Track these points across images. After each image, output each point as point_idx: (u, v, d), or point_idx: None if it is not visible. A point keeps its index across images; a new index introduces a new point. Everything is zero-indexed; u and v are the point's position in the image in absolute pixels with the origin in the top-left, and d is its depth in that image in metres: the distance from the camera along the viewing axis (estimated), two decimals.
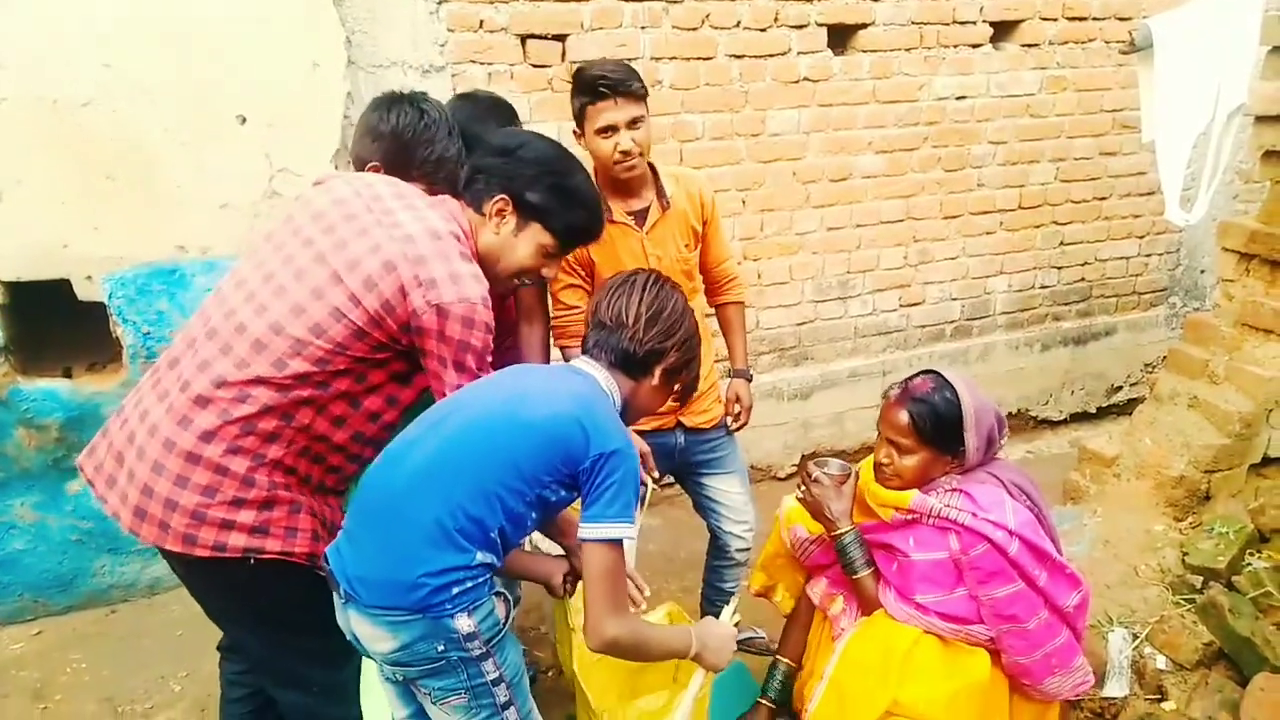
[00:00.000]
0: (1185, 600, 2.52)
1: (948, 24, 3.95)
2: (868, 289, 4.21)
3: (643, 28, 3.47)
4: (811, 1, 3.69)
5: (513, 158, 1.83)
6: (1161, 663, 2.38)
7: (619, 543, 1.64)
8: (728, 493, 2.66)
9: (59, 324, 3.09)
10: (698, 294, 2.60)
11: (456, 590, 1.55)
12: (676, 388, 1.87)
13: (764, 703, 2.43)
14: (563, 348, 2.50)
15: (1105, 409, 4.92)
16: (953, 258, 4.34)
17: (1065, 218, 4.52)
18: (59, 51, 2.73)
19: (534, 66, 3.36)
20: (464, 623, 1.56)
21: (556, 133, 3.06)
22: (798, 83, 3.77)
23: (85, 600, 3.21)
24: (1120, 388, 4.92)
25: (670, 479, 2.81)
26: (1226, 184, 4.50)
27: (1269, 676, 2.16)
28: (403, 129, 2.02)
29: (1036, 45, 4.16)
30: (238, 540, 1.68)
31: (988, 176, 4.27)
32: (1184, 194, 2.77)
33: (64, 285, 2.92)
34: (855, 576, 2.21)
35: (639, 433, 2.39)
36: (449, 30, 3.22)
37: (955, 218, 4.27)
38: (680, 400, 1.98)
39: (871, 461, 2.25)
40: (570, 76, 2.33)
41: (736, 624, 2.00)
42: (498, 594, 1.64)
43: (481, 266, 1.81)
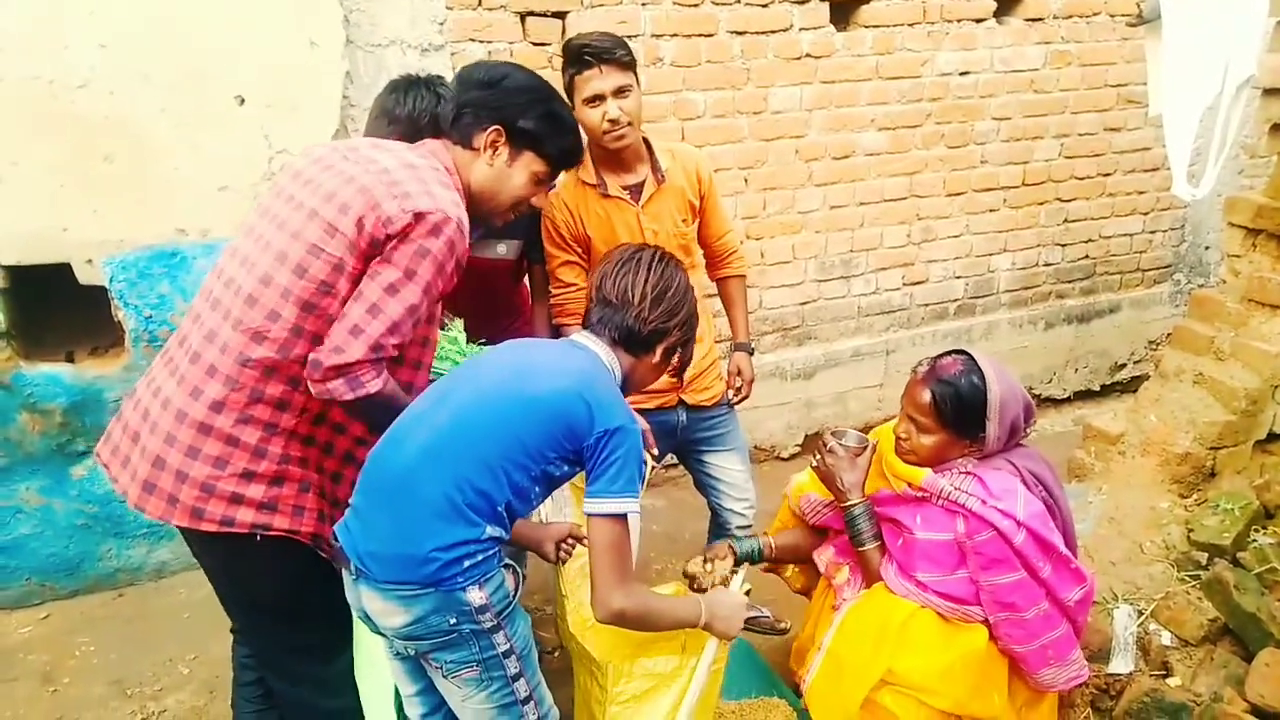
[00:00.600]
0: (1190, 577, 2.52)
1: None
2: (871, 268, 4.19)
3: (643, 4, 3.44)
4: None
5: (499, 89, 1.82)
6: (1166, 639, 2.38)
7: (624, 517, 1.66)
8: (728, 469, 2.67)
9: (61, 308, 3.09)
10: (696, 269, 2.60)
11: (467, 564, 1.57)
12: (674, 362, 1.89)
13: (732, 545, 2.38)
14: (561, 325, 2.50)
15: (1109, 387, 4.92)
16: (956, 235, 4.32)
17: (1069, 194, 4.49)
18: (54, 32, 2.70)
19: (534, 44, 3.33)
20: (475, 595, 1.58)
21: None
22: (800, 59, 3.74)
23: (92, 584, 3.22)
24: (1124, 365, 4.91)
25: (672, 458, 2.81)
26: (1232, 159, 4.47)
27: (1274, 652, 2.16)
28: (419, 114, 2.05)
29: (1040, 20, 4.12)
30: (245, 515, 1.68)
31: (991, 153, 4.24)
32: (1190, 169, 2.74)
33: (65, 269, 2.91)
34: (861, 549, 2.22)
35: (641, 411, 2.38)
36: (448, 8, 3.18)
37: (959, 195, 4.25)
38: (676, 374, 1.98)
39: (893, 428, 2.24)
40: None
41: (747, 593, 2.01)
42: (506, 566, 1.66)
43: (477, 203, 1.83)
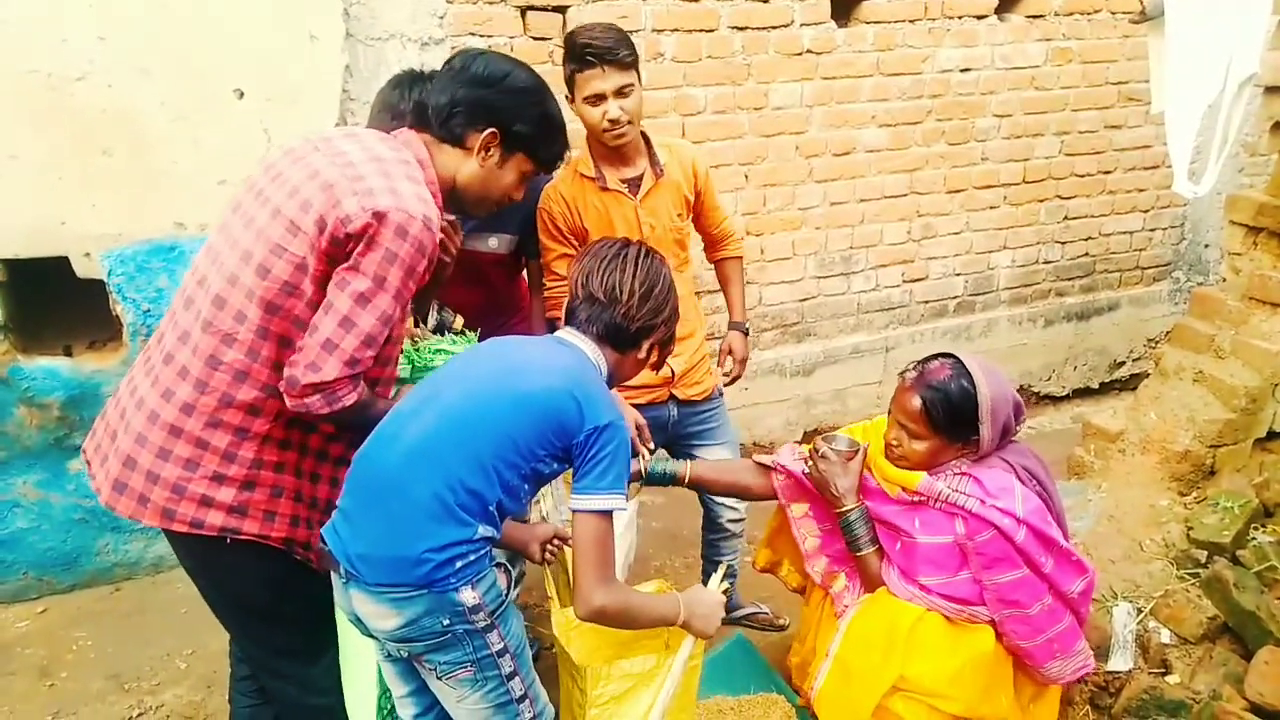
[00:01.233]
0: (1190, 575, 2.53)
1: None
2: (871, 264, 4.19)
3: None
4: None
5: (498, 89, 1.75)
6: (1166, 637, 2.39)
7: (608, 514, 1.65)
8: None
9: (59, 302, 3.07)
10: (689, 265, 2.59)
11: (460, 564, 1.56)
12: (655, 356, 1.88)
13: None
14: (555, 318, 2.48)
15: (1108, 384, 4.92)
16: (956, 233, 4.31)
17: (1069, 192, 4.49)
18: (53, 24, 2.69)
19: (534, 39, 3.31)
20: (468, 595, 1.57)
21: None
22: (801, 55, 3.73)
23: (89, 578, 3.21)
24: (1123, 363, 4.91)
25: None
26: (1232, 157, 4.46)
27: (1273, 650, 2.17)
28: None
29: (1041, 16, 4.11)
30: (215, 519, 1.67)
31: (992, 150, 4.23)
32: (1191, 166, 2.74)
33: (63, 262, 2.90)
34: (859, 554, 2.21)
35: (635, 406, 2.38)
36: (448, 2, 3.17)
37: (959, 192, 4.24)
38: (655, 367, 1.98)
39: (882, 434, 2.23)
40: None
41: (725, 590, 1.99)
42: (498, 565, 1.66)
43: (461, 197, 1.81)
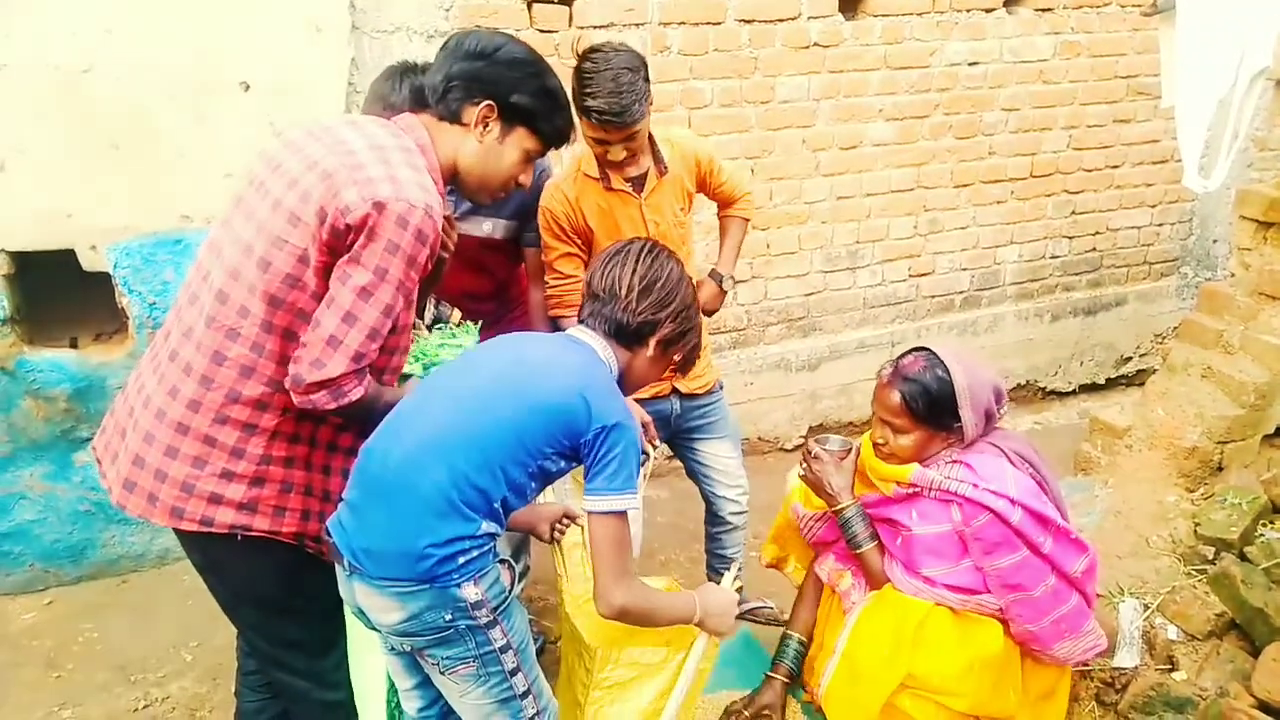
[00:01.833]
0: (1197, 571, 2.52)
1: None
2: (877, 259, 4.17)
3: None
4: None
5: (491, 60, 1.70)
6: (1173, 633, 2.38)
7: (623, 514, 1.65)
8: (720, 457, 2.67)
9: (65, 294, 3.08)
10: (691, 257, 2.59)
11: (463, 560, 1.56)
12: (676, 358, 1.86)
13: (777, 676, 2.37)
14: (558, 317, 2.47)
15: (1115, 380, 4.90)
16: (963, 227, 4.29)
17: (1077, 186, 4.47)
18: (59, 16, 2.69)
19: (540, 31, 3.30)
20: (471, 591, 1.57)
21: None
22: (808, 48, 3.71)
23: (96, 570, 3.22)
24: (1130, 358, 4.89)
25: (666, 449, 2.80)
26: (1242, 151, 4.44)
27: None
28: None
29: (1050, 10, 4.08)
30: (225, 516, 1.66)
31: (999, 144, 4.21)
32: (1200, 161, 2.72)
33: (69, 255, 2.90)
34: (859, 551, 2.21)
35: (637, 401, 2.38)
36: None
37: (966, 186, 4.22)
38: (681, 370, 1.97)
39: (868, 436, 2.23)
40: (575, 52, 2.22)
41: (738, 589, 2.01)
42: (501, 561, 1.65)
43: (464, 180, 1.76)
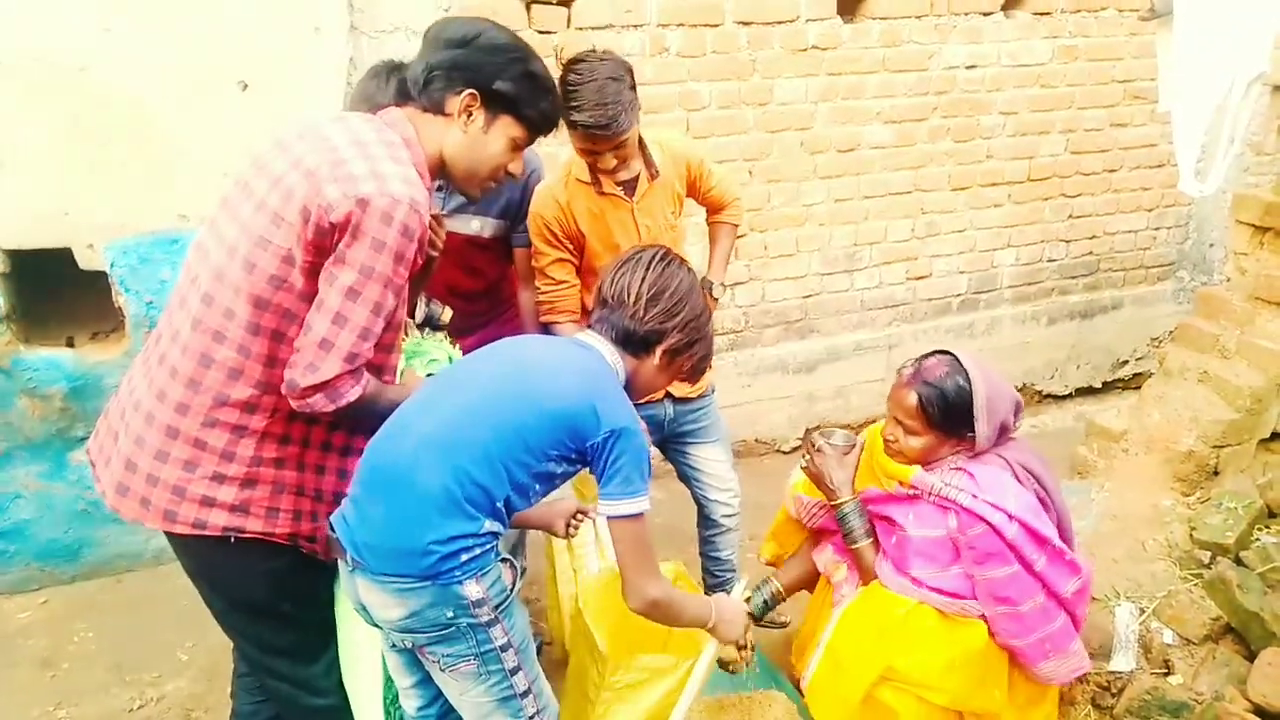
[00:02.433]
0: (1193, 575, 2.52)
1: None
2: (874, 261, 4.18)
3: None
4: None
5: (472, 47, 1.67)
6: (1168, 637, 2.38)
7: (641, 515, 1.66)
8: (711, 461, 2.67)
9: (62, 293, 3.07)
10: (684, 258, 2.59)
11: (465, 557, 1.56)
12: (684, 367, 1.85)
13: (740, 581, 2.31)
14: (550, 324, 2.47)
15: (1111, 383, 4.91)
16: (960, 230, 4.30)
17: (1074, 190, 4.48)
18: (56, 14, 2.68)
19: (539, 33, 3.30)
20: (473, 589, 1.57)
21: None
22: (806, 51, 3.71)
23: (92, 570, 3.21)
24: (1126, 362, 4.90)
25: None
26: (1238, 156, 4.45)
27: (1277, 651, 2.17)
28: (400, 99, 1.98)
29: (1048, 14, 4.09)
30: (218, 518, 1.65)
31: (997, 148, 4.22)
32: (1196, 165, 2.73)
33: (66, 254, 2.89)
34: (855, 546, 2.22)
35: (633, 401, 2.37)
36: None
37: (964, 190, 4.23)
38: (690, 379, 1.96)
39: (880, 430, 2.23)
40: (560, 62, 2.19)
41: (748, 599, 2.04)
42: (503, 560, 1.65)
43: (451, 172, 1.73)
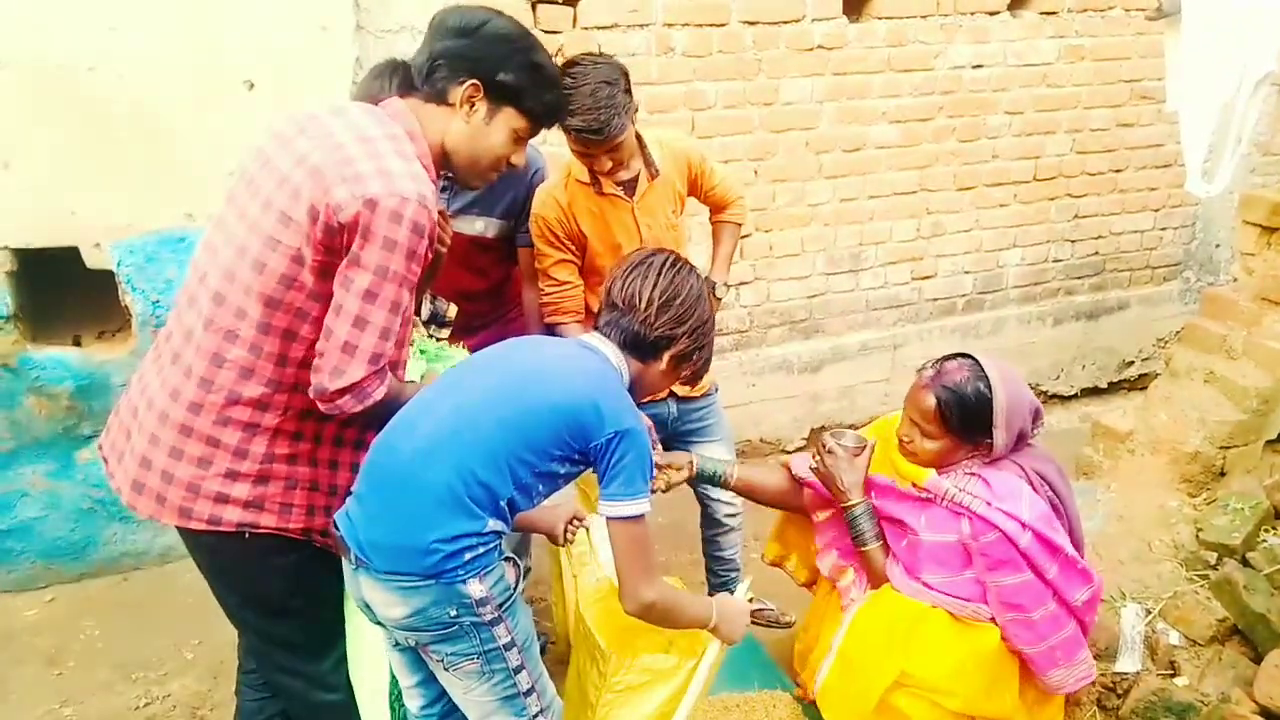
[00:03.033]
0: (1199, 576, 2.52)
1: None
2: (880, 261, 4.17)
3: None
4: None
5: (476, 37, 1.65)
6: (1175, 638, 2.38)
7: (641, 517, 1.66)
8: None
9: (69, 292, 3.08)
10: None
11: (469, 556, 1.56)
12: (687, 372, 1.86)
13: (693, 462, 2.32)
14: (554, 324, 2.47)
15: (1117, 384, 4.90)
16: (966, 230, 4.29)
17: (1080, 190, 4.46)
18: (63, 15, 2.69)
19: (545, 32, 3.30)
20: (476, 588, 1.57)
21: None
22: (812, 51, 3.71)
23: (98, 568, 3.22)
24: (1132, 363, 4.89)
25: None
26: (1245, 156, 4.44)
27: None
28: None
29: (1055, 13, 4.08)
30: (232, 514, 1.67)
31: (1003, 148, 4.21)
32: (1204, 165, 2.72)
33: (73, 253, 2.90)
34: (864, 549, 2.21)
35: (636, 402, 2.37)
36: None
37: (969, 189, 4.22)
38: (690, 382, 1.97)
39: (895, 428, 2.21)
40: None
41: (750, 599, 2.03)
42: (507, 559, 1.66)
43: (452, 162, 1.72)
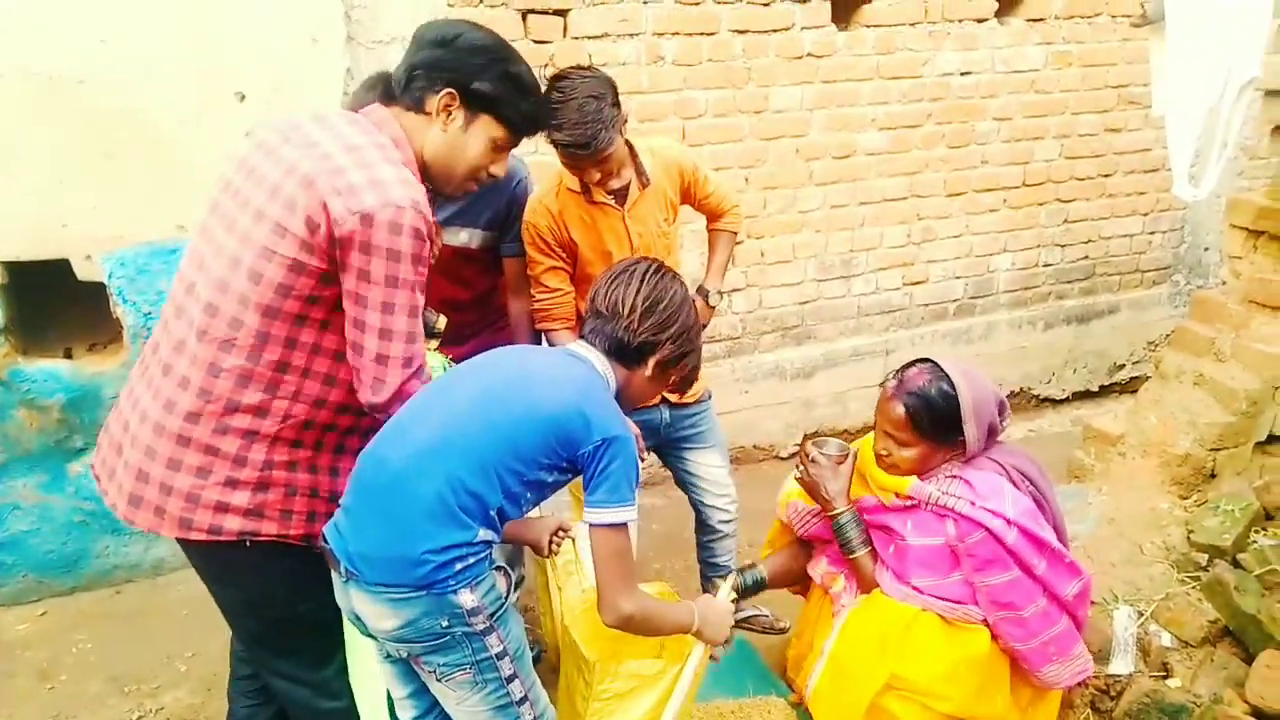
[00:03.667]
0: (1190, 578, 2.53)
1: None
2: (871, 267, 4.19)
3: (645, 2, 3.43)
4: None
5: (452, 48, 1.69)
6: (1167, 640, 2.38)
7: (624, 525, 1.67)
8: (708, 466, 2.68)
9: (60, 304, 3.08)
10: (677, 267, 2.59)
11: (459, 566, 1.56)
12: (674, 378, 1.87)
13: (735, 584, 2.28)
14: (545, 331, 2.48)
15: (1107, 387, 4.92)
16: (956, 236, 4.31)
17: (1069, 195, 4.49)
18: (55, 26, 2.70)
19: (535, 42, 3.32)
20: (467, 598, 1.57)
21: None
22: (801, 58, 3.73)
23: (90, 581, 3.21)
24: (1123, 366, 4.91)
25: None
26: (1231, 160, 4.47)
27: (1274, 654, 2.16)
28: None
29: (1042, 20, 4.11)
30: (233, 523, 1.66)
31: (992, 154, 4.24)
32: (1190, 170, 2.74)
33: (64, 265, 2.90)
34: (852, 556, 2.22)
35: (626, 411, 2.38)
36: (449, 4, 3.18)
37: (959, 195, 4.24)
38: (679, 390, 1.97)
39: (871, 445, 2.23)
40: (544, 79, 2.18)
41: (734, 600, 2.03)
42: (498, 568, 1.66)
43: (430, 171, 1.74)
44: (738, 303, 3.96)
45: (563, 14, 3.35)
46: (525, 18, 3.31)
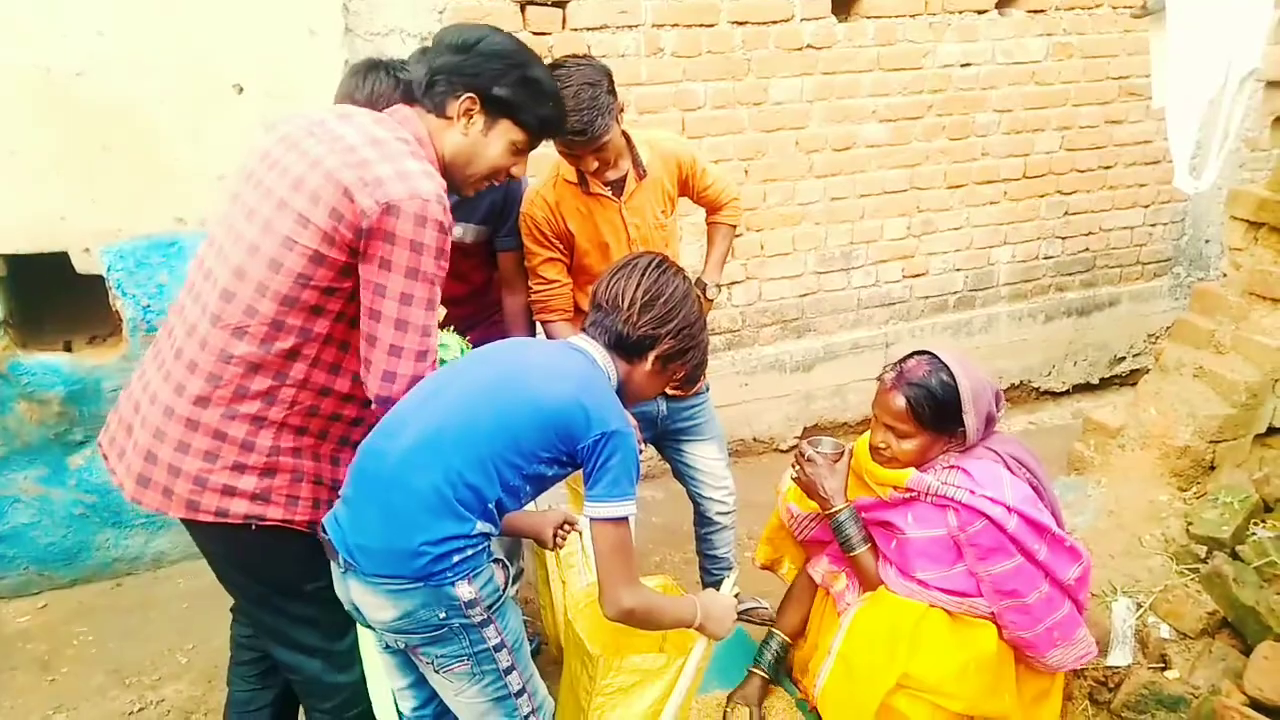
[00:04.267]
0: (1189, 570, 2.53)
1: None
2: (871, 260, 4.18)
3: None
4: None
5: (473, 53, 1.72)
6: (1165, 632, 2.38)
7: (625, 519, 1.67)
8: (706, 459, 2.68)
9: (59, 297, 3.08)
10: (676, 259, 2.59)
11: (457, 558, 1.57)
12: (678, 374, 1.87)
13: (757, 673, 2.40)
14: (543, 322, 2.49)
15: (1108, 380, 4.92)
16: (956, 228, 4.31)
17: (1070, 187, 4.48)
18: (51, 19, 2.69)
19: (534, 34, 3.31)
20: (465, 590, 1.58)
21: None
22: (801, 50, 3.72)
23: (90, 573, 3.21)
24: (1123, 358, 4.91)
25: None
26: (1233, 152, 4.46)
27: (1273, 645, 2.16)
28: (376, 97, 2.01)
29: (1043, 11, 4.10)
30: (239, 507, 1.68)
31: (992, 145, 4.23)
32: (1191, 161, 2.74)
33: (63, 258, 2.90)
34: (853, 554, 2.22)
35: (629, 406, 2.38)
36: None
37: (959, 187, 4.23)
38: (684, 386, 1.97)
39: (868, 439, 2.23)
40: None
41: (736, 595, 2.04)
42: (496, 561, 1.66)
43: (450, 172, 1.77)
44: (737, 295, 3.96)
45: (562, 5, 3.34)
46: (524, 9, 3.30)
